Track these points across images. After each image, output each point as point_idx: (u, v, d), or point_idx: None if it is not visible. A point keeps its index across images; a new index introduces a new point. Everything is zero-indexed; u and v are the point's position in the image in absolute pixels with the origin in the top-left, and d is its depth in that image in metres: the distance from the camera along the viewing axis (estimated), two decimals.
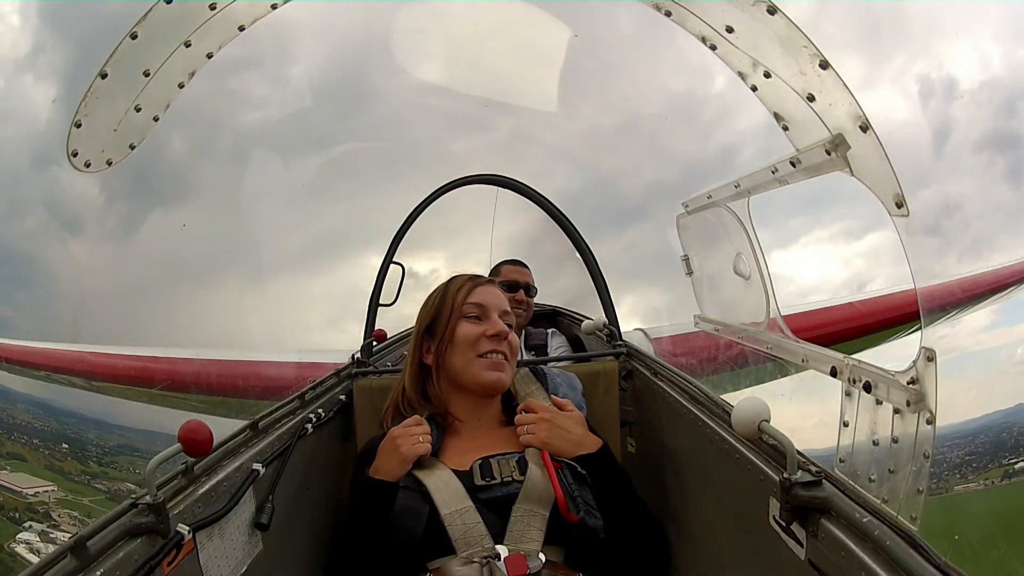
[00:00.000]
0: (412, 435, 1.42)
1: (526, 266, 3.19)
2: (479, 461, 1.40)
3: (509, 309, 1.62)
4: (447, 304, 1.59)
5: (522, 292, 3.04)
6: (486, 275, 2.02)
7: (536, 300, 3.22)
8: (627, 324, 2.41)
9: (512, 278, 3.06)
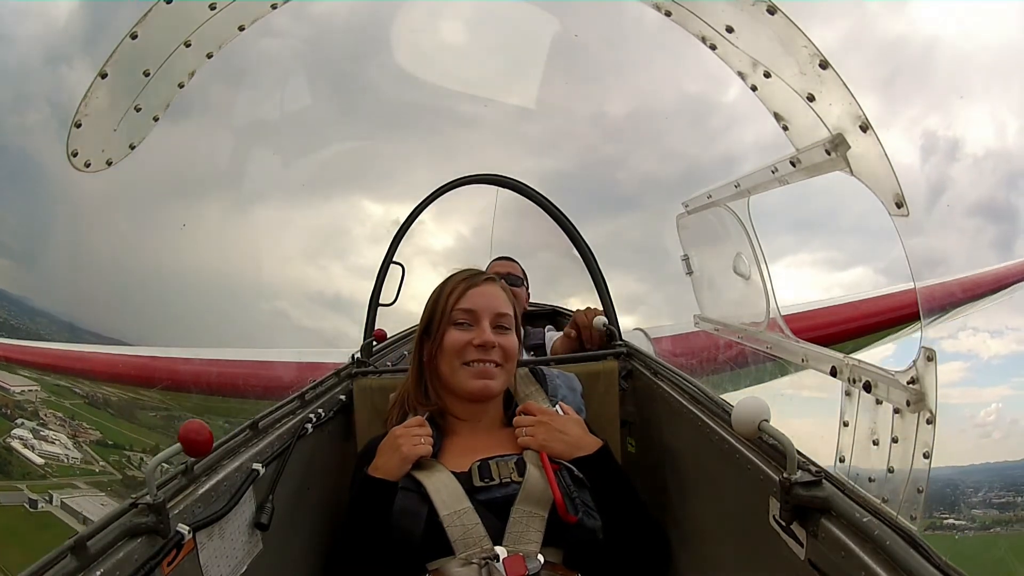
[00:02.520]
0: (414, 435, 1.42)
1: (513, 260, 3.22)
2: (478, 463, 1.40)
3: (506, 310, 1.58)
4: (439, 308, 1.57)
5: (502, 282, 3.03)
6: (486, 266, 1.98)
7: (537, 300, 3.22)
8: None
9: (495, 270, 3.06)
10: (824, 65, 1.28)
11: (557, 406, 1.56)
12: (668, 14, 1.46)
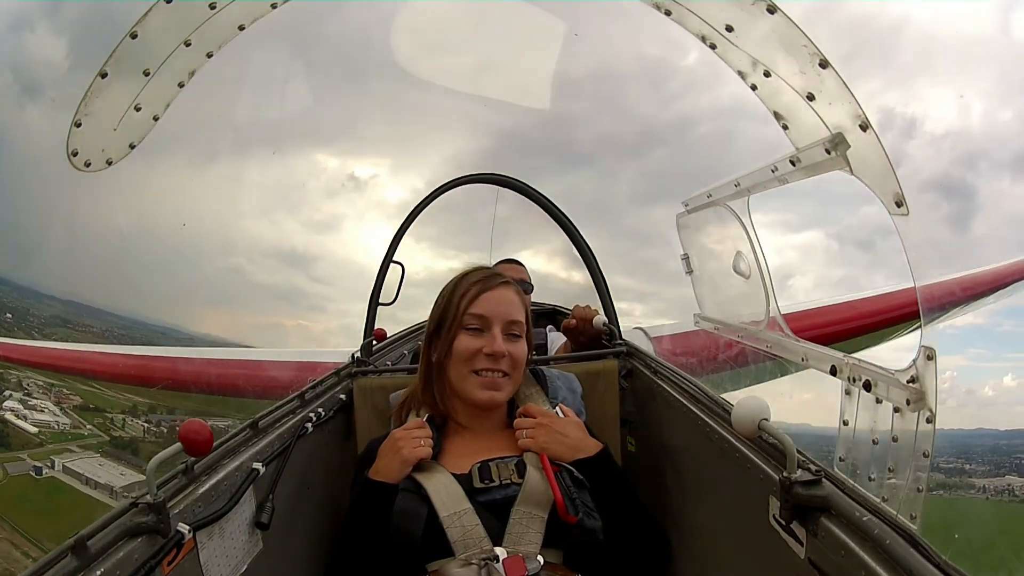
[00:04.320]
0: (414, 438, 1.42)
1: (520, 264, 3.19)
2: (478, 464, 1.40)
3: (518, 317, 1.54)
4: (451, 310, 1.53)
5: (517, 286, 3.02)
6: (496, 268, 1.93)
7: (536, 299, 3.21)
8: (550, 265, 2.43)
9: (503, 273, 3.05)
10: (824, 64, 1.27)
11: (557, 408, 1.56)
12: (668, 13, 1.45)
